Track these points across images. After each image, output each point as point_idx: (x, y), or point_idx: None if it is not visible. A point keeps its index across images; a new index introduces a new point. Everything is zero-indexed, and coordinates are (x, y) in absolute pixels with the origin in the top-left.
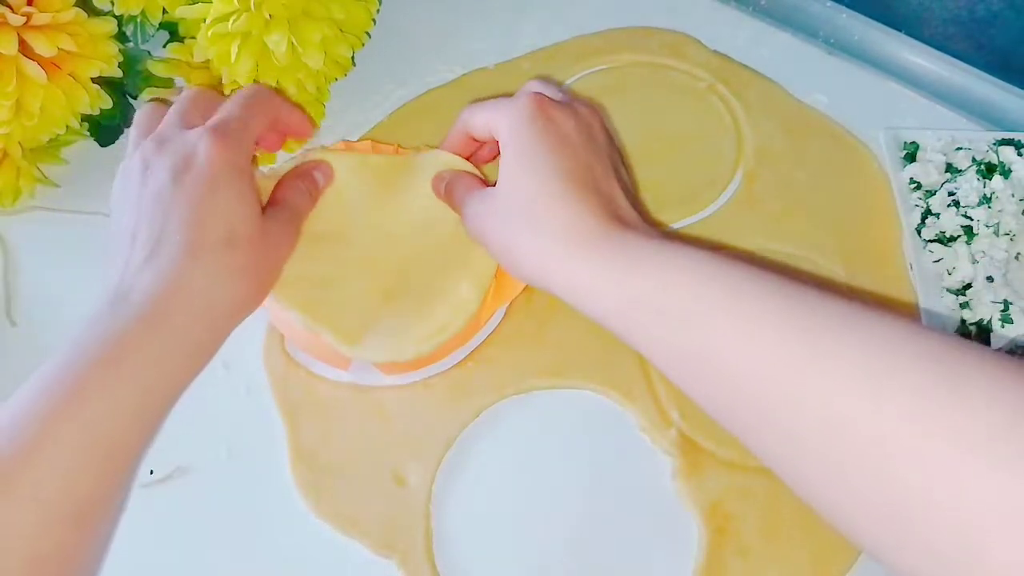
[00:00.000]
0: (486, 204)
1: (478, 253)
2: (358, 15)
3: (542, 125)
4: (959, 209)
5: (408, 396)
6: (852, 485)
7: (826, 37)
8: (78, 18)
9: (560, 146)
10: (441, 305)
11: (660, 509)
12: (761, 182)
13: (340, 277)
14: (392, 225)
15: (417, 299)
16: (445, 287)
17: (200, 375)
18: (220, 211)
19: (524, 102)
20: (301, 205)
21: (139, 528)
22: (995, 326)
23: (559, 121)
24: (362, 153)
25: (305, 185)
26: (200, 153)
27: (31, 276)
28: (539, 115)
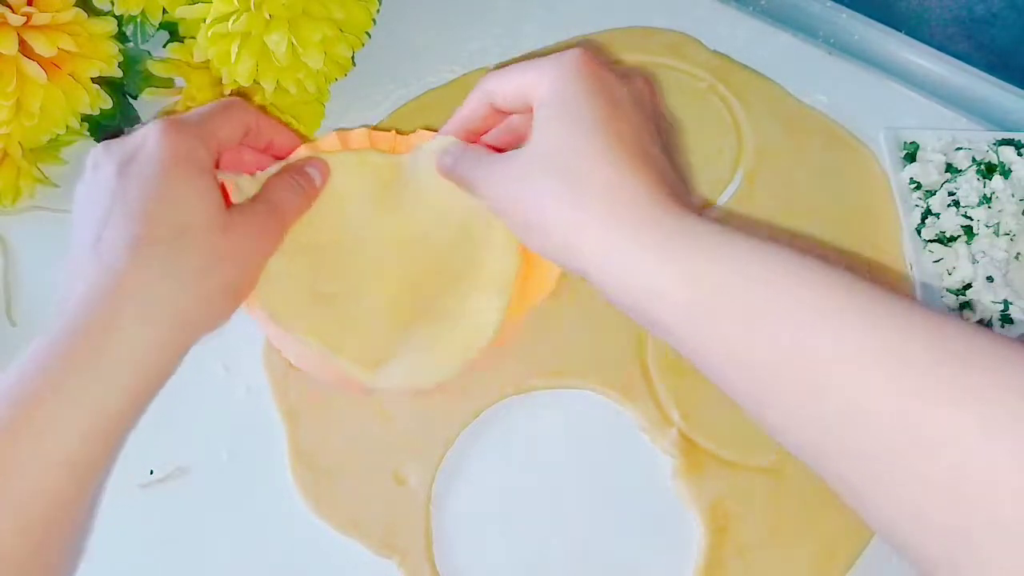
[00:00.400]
0: (507, 165)
1: (497, 254)
2: (358, 15)
3: (591, 83)
4: (959, 209)
5: (408, 397)
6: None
7: (826, 37)
8: (78, 18)
9: (610, 106)
10: (462, 319)
11: (660, 509)
12: (761, 182)
13: (349, 293)
14: (400, 229)
15: (435, 314)
16: (464, 297)
17: (200, 376)
18: (169, 200)
19: (571, 57)
20: (286, 200)
21: (139, 528)
22: (995, 326)
23: (610, 83)
24: (359, 148)
25: (294, 180)
26: (149, 142)
27: (31, 276)
28: (588, 72)
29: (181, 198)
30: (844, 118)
